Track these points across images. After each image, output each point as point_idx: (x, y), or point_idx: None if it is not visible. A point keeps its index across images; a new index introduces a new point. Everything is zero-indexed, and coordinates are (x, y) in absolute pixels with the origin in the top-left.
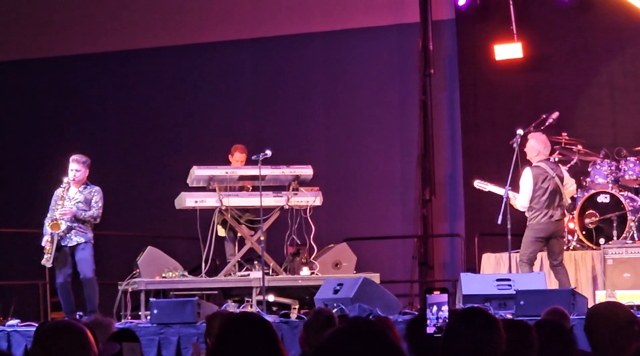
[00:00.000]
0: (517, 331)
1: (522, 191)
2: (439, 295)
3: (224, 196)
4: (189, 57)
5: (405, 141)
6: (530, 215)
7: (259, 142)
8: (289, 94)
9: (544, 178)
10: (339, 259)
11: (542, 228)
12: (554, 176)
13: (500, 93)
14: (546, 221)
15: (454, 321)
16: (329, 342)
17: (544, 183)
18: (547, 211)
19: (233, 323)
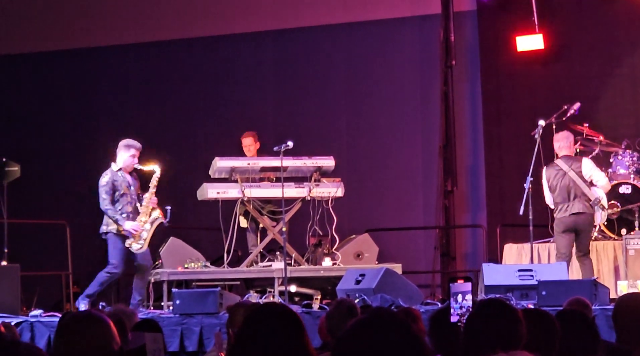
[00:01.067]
0: (540, 321)
1: (544, 191)
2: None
3: (246, 187)
4: (211, 49)
5: (427, 132)
6: (555, 212)
7: (281, 134)
8: (310, 86)
9: (556, 175)
10: (361, 250)
11: (559, 222)
12: (568, 171)
13: (521, 84)
14: (561, 215)
15: (472, 313)
16: (351, 332)
17: (556, 180)
18: (563, 205)
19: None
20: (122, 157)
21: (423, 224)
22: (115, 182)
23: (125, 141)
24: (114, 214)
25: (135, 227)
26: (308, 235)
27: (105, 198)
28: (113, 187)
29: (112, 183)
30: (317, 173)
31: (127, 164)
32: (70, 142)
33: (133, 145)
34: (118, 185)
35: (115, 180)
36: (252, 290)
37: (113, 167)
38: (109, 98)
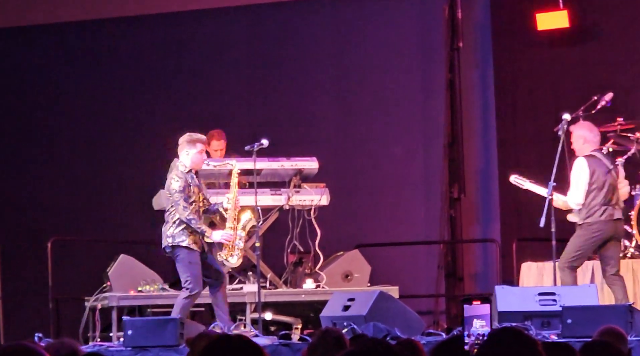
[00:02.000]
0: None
1: (576, 184)
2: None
3: (211, 194)
4: (169, 28)
5: (429, 128)
6: (586, 213)
7: (254, 130)
8: (290, 73)
9: (602, 170)
10: (350, 269)
11: (601, 228)
12: (611, 168)
13: (542, 71)
14: (605, 219)
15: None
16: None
17: (602, 176)
18: (607, 208)
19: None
20: (189, 155)
21: (424, 238)
22: (189, 186)
23: (188, 136)
24: (197, 223)
25: (227, 236)
26: (286, 251)
27: (185, 206)
28: (188, 191)
29: (187, 187)
30: (297, 178)
31: (197, 162)
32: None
33: (199, 140)
34: (190, 189)
35: (189, 184)
36: None
37: (180, 167)
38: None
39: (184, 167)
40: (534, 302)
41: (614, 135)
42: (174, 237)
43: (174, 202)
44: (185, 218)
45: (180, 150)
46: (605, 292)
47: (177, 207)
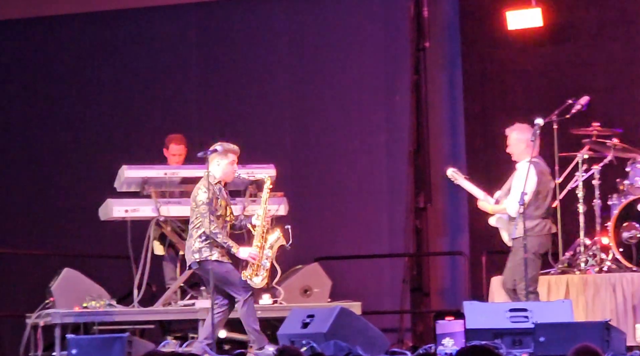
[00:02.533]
0: None
1: (519, 191)
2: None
3: (162, 204)
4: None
5: (394, 133)
6: (530, 225)
7: (207, 135)
8: (246, 74)
9: (547, 178)
10: (309, 284)
11: (545, 243)
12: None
13: (514, 73)
14: (547, 233)
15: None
16: None
17: (548, 184)
18: (548, 220)
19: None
20: (220, 165)
21: (388, 251)
22: (216, 199)
23: (219, 146)
24: (223, 238)
25: (254, 254)
26: (241, 265)
27: (212, 219)
28: (215, 204)
29: (214, 200)
30: (253, 187)
31: (228, 173)
32: None
33: (231, 150)
34: (218, 202)
35: (216, 196)
36: (170, 336)
37: (210, 179)
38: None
39: (213, 177)
40: (505, 319)
41: (589, 141)
42: (200, 251)
43: (200, 214)
44: (210, 232)
45: (211, 160)
46: (580, 308)
47: (203, 220)
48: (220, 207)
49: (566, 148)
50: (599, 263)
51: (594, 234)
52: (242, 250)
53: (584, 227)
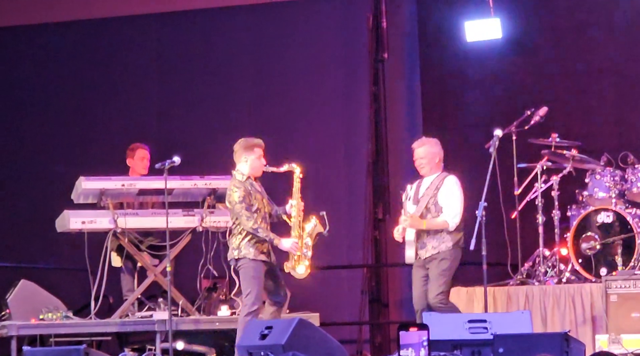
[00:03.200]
0: None
1: (455, 204)
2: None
3: (119, 215)
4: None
5: (352, 144)
6: (457, 238)
7: (165, 146)
8: (204, 84)
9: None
10: None
11: (459, 256)
12: None
13: (473, 84)
14: (461, 246)
15: None
16: None
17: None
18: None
19: None
20: (247, 161)
21: (347, 262)
22: (249, 194)
23: (244, 142)
24: (264, 232)
25: (295, 244)
26: (200, 276)
27: (249, 216)
28: (249, 200)
29: (247, 196)
30: (211, 198)
31: (257, 168)
32: None
33: (257, 144)
34: (252, 196)
35: (249, 192)
36: (128, 348)
37: (237, 176)
38: None
39: (242, 175)
40: (464, 330)
41: (548, 153)
42: (240, 249)
43: (236, 214)
44: (250, 228)
45: (238, 157)
46: (539, 319)
47: (241, 219)
48: (256, 201)
49: (525, 159)
50: (558, 274)
51: (553, 245)
52: (284, 241)
53: (543, 238)
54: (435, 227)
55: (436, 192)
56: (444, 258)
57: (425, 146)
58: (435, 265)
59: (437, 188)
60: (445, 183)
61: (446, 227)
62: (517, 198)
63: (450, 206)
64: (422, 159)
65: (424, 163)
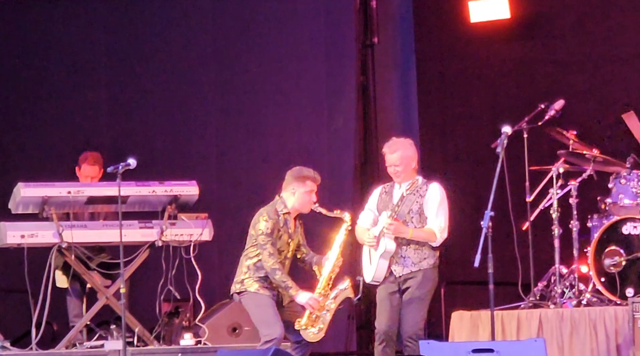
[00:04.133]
0: None
1: (443, 213)
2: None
3: (65, 228)
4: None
5: (336, 144)
6: (435, 255)
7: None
8: (164, 77)
9: None
10: (238, 321)
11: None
12: None
13: (477, 73)
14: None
15: None
16: None
17: None
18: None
19: None
20: (295, 194)
21: None
22: (278, 230)
23: (296, 171)
24: (282, 276)
25: (314, 302)
26: (159, 299)
27: (272, 252)
28: (274, 236)
29: (276, 230)
30: (172, 207)
31: (303, 204)
32: None
33: (309, 177)
34: (279, 235)
35: (278, 227)
36: None
37: (278, 206)
38: None
39: (283, 206)
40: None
41: (565, 153)
42: (243, 283)
43: (259, 245)
44: (269, 267)
45: (286, 186)
46: (555, 348)
47: (263, 253)
48: (281, 242)
49: (538, 161)
50: (577, 295)
51: (571, 261)
52: (302, 294)
53: (559, 253)
54: (421, 238)
55: (420, 200)
56: (425, 279)
57: (399, 151)
58: (416, 286)
59: (420, 196)
60: (431, 191)
61: (432, 240)
62: (529, 207)
63: (438, 217)
64: (397, 167)
65: (400, 171)
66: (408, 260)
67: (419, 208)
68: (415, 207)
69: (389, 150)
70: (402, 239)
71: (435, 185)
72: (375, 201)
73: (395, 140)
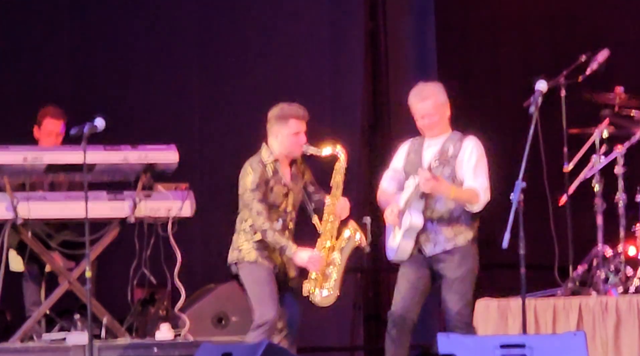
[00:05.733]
0: None
1: (485, 172)
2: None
3: (20, 200)
4: None
5: (342, 102)
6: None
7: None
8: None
9: None
10: (224, 310)
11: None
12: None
13: (507, 19)
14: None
15: None
16: None
17: None
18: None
19: None
20: (278, 137)
21: None
22: (267, 182)
23: (277, 110)
24: (275, 237)
25: (315, 258)
26: (131, 284)
27: (260, 210)
28: (265, 190)
29: (263, 183)
30: (147, 176)
31: (291, 147)
32: None
33: (292, 114)
34: (270, 187)
35: (266, 179)
36: None
37: (263, 155)
38: None
39: (269, 153)
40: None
41: (610, 114)
42: (240, 250)
43: (245, 204)
44: (259, 228)
45: (270, 129)
46: (598, 342)
47: (251, 212)
48: (274, 194)
49: (579, 123)
50: (623, 281)
51: (617, 242)
52: (300, 253)
53: (602, 232)
54: (463, 198)
55: (453, 159)
56: (465, 256)
57: (432, 98)
58: (456, 265)
59: (452, 155)
60: (466, 147)
61: (475, 202)
62: (568, 177)
63: (477, 175)
64: (432, 116)
65: (436, 122)
66: (440, 236)
67: (452, 169)
68: (448, 168)
69: (418, 99)
70: (431, 211)
71: (470, 139)
72: (402, 160)
73: (423, 85)
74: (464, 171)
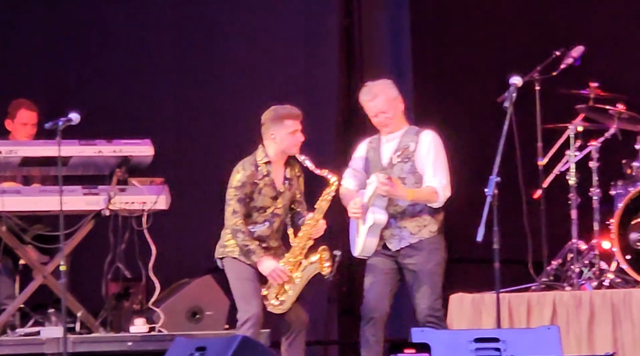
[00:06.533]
0: None
1: (444, 167)
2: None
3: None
4: None
5: (316, 98)
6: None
7: (59, 100)
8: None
9: None
10: (199, 304)
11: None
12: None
13: (481, 14)
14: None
15: None
16: None
17: None
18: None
19: None
20: (275, 138)
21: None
22: (255, 183)
23: (272, 111)
24: (244, 240)
25: (279, 271)
26: (106, 278)
27: (236, 210)
28: (250, 191)
29: (250, 184)
30: (122, 170)
31: (289, 146)
32: None
33: (288, 115)
34: (258, 188)
35: (254, 180)
36: None
37: (258, 155)
38: None
39: (264, 155)
40: (468, 352)
41: (585, 108)
42: (226, 246)
43: (226, 200)
44: (231, 227)
45: (265, 131)
46: (572, 337)
47: (226, 208)
48: (262, 196)
49: (553, 118)
50: (597, 275)
51: (590, 236)
52: (265, 261)
53: (577, 226)
54: (422, 198)
55: (411, 154)
56: (432, 250)
57: (382, 95)
58: (424, 259)
59: (409, 150)
60: (423, 141)
61: (433, 201)
62: (542, 171)
63: (436, 171)
64: (385, 113)
65: (390, 118)
66: (404, 231)
67: (411, 165)
68: (406, 164)
69: (369, 97)
70: (394, 207)
71: (426, 133)
72: (361, 160)
73: (371, 84)
74: (423, 165)
